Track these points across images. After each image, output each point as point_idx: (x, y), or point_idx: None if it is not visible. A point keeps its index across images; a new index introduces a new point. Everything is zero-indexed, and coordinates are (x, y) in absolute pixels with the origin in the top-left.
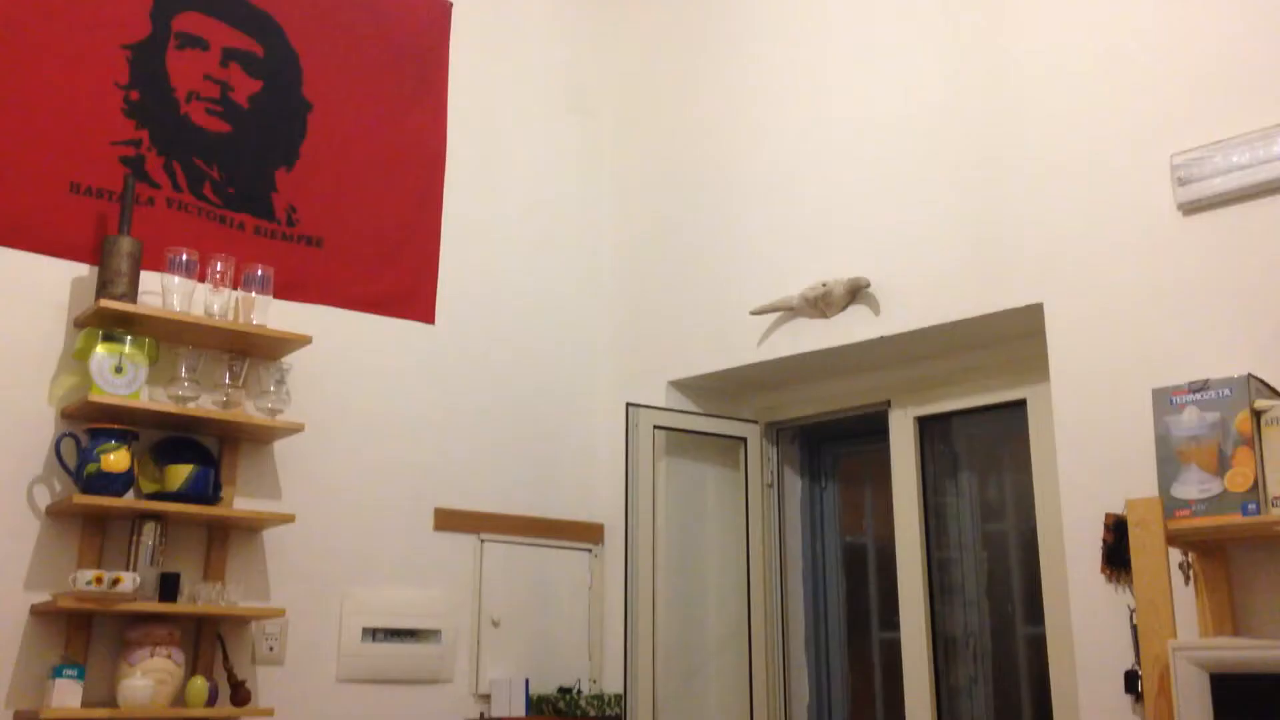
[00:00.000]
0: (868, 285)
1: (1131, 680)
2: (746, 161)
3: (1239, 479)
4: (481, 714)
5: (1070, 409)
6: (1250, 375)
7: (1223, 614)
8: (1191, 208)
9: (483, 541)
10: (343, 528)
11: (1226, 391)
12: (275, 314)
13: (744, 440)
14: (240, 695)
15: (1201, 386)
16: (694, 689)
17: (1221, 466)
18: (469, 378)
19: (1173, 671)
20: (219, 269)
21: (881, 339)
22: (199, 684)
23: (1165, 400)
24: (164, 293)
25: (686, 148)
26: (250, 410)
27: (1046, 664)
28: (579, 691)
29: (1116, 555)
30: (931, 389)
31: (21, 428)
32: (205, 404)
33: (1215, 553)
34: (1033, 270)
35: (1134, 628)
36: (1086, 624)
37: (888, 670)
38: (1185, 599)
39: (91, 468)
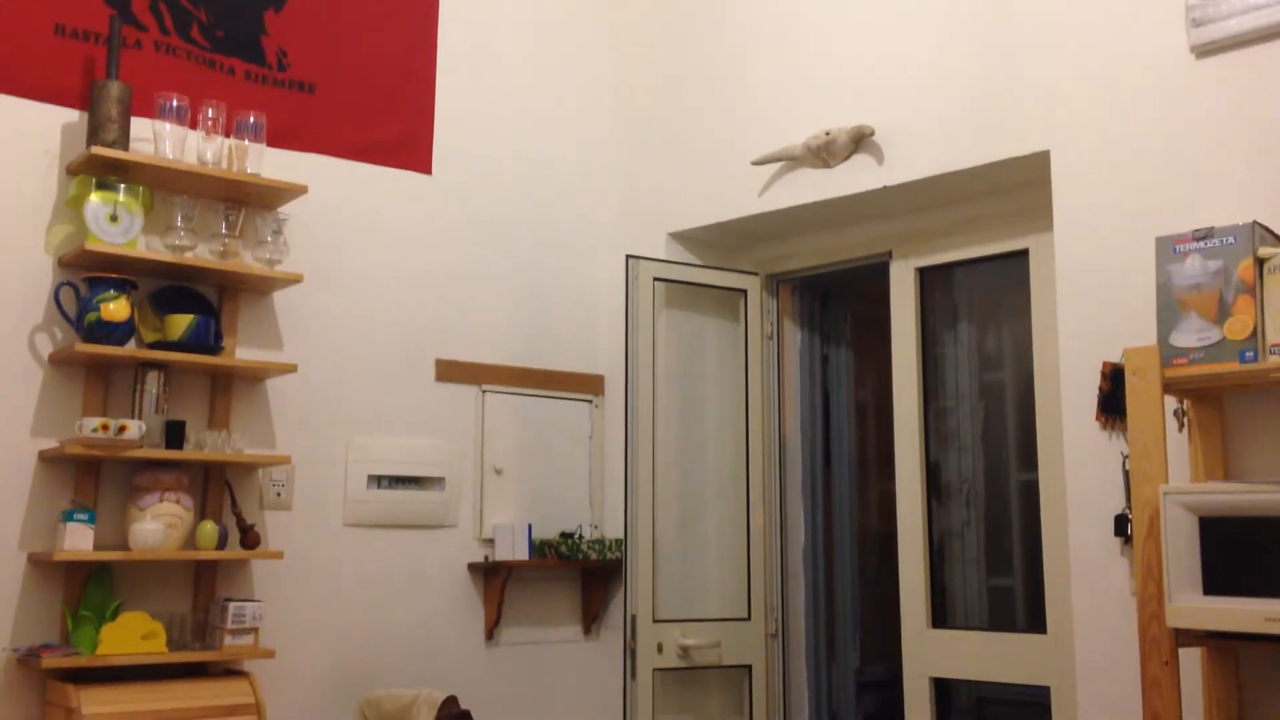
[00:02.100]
0: (872, 134)
1: (1121, 524)
2: (749, 9)
3: (1238, 327)
4: (485, 557)
5: (1073, 258)
6: (1255, 222)
7: (1215, 460)
8: (1205, 50)
9: (484, 392)
10: (345, 378)
11: (1231, 239)
12: (269, 163)
13: (744, 292)
14: (250, 539)
15: (1206, 234)
16: (693, 534)
17: (1221, 314)
18: (467, 229)
19: (1163, 515)
20: (210, 116)
21: (884, 189)
22: (209, 528)
23: (1168, 248)
24: (155, 139)
25: None
26: (248, 261)
27: (1038, 508)
28: (580, 536)
29: (1112, 403)
30: (933, 239)
31: (20, 276)
32: (203, 254)
33: (1210, 400)
34: (1040, 117)
35: (1126, 473)
36: (1079, 469)
37: (884, 516)
38: (1178, 446)
39: (91, 316)
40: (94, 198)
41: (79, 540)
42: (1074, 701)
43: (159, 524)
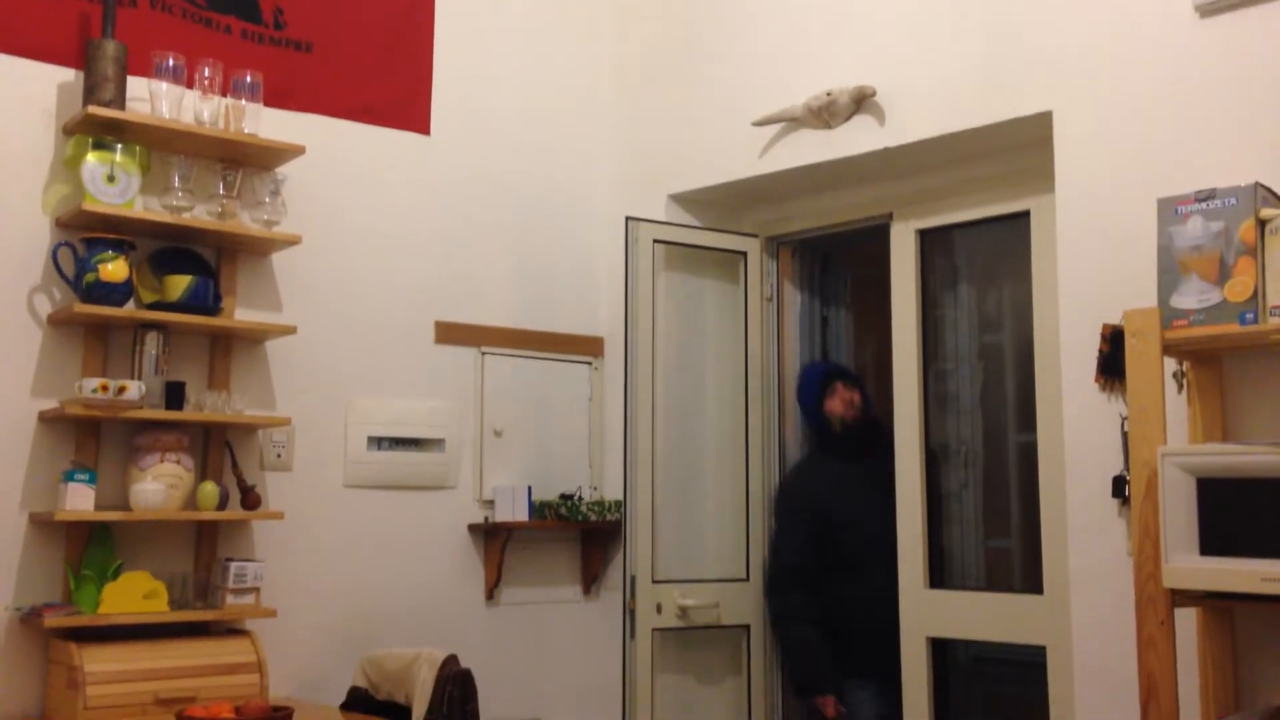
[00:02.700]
0: (873, 94)
1: (1119, 485)
2: None
3: (1239, 288)
4: (485, 518)
5: (1074, 220)
6: (1257, 184)
7: (1213, 422)
8: (1209, 9)
9: (483, 354)
10: (344, 340)
11: (1233, 200)
12: (267, 123)
13: (744, 254)
14: (250, 499)
15: (1208, 195)
16: (692, 495)
17: (1222, 276)
18: (467, 191)
19: (1160, 476)
20: (207, 75)
21: (885, 150)
22: (209, 488)
23: (1170, 210)
24: (152, 99)
25: None
26: (246, 222)
27: (1036, 470)
28: (580, 498)
29: (1111, 365)
30: (934, 201)
31: (17, 236)
32: (200, 215)
33: (1210, 362)
34: (1042, 77)
35: (1124, 435)
36: (1078, 431)
37: None
38: (1177, 407)
39: (90, 277)
40: (91, 158)
41: (80, 500)
42: (1070, 661)
43: (160, 484)
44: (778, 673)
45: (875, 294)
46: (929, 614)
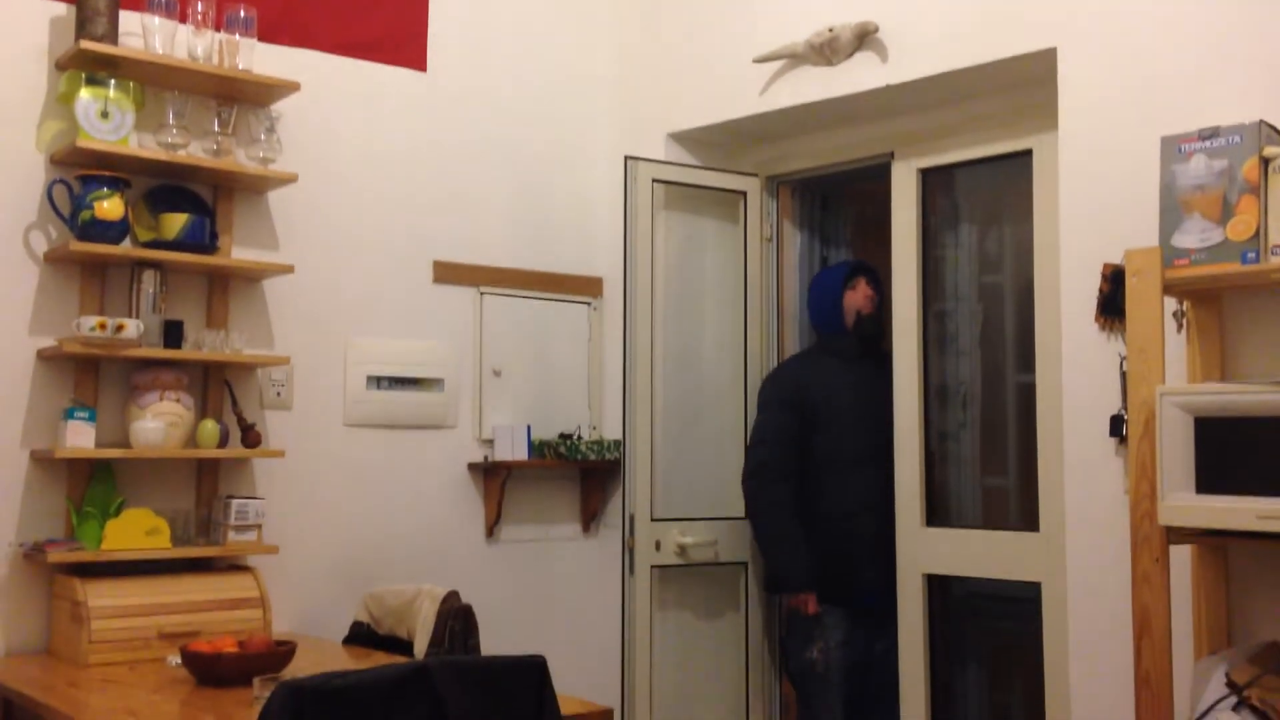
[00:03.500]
0: (876, 30)
1: (1117, 424)
2: None
3: (1241, 227)
4: (485, 457)
5: (1077, 158)
6: (1262, 122)
7: (1212, 361)
8: None
9: (482, 294)
10: (342, 279)
11: (1236, 138)
12: (260, 59)
13: (743, 194)
14: (251, 437)
15: (1211, 133)
16: (690, 434)
17: (1225, 215)
18: (464, 130)
19: (1158, 415)
20: (200, 9)
21: (887, 88)
22: (210, 426)
23: (1173, 148)
24: (145, 33)
25: None
26: (241, 159)
27: (1034, 410)
28: (579, 437)
29: (1111, 305)
30: (936, 140)
31: (12, 173)
32: (195, 152)
33: (1210, 301)
34: (1047, 14)
35: (1123, 375)
36: (1077, 371)
37: None
38: (1176, 347)
39: (85, 215)
40: (84, 94)
41: (80, 438)
42: (1064, 597)
43: (160, 423)
44: (776, 610)
45: (875, 234)
46: (926, 551)
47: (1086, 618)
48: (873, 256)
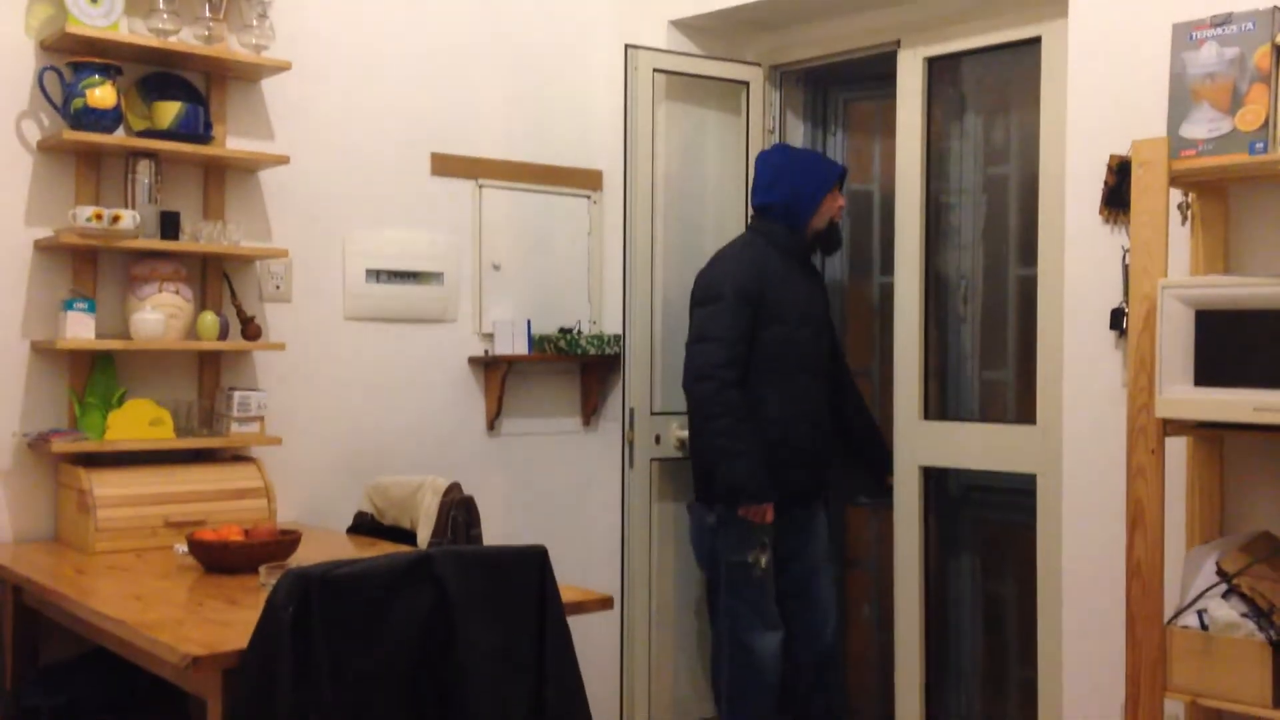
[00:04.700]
0: None
1: (1117, 317)
2: None
3: (1250, 117)
4: (485, 351)
5: (1086, 46)
6: (1276, 7)
7: (1215, 254)
8: None
9: (481, 187)
10: (339, 171)
11: (1249, 25)
12: None
13: (746, 84)
14: (251, 330)
15: (1224, 20)
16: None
17: (1234, 105)
18: (461, 18)
19: (1159, 308)
20: None
21: None
22: (209, 318)
23: (1185, 35)
24: None
25: None
26: (234, 46)
27: (1035, 303)
28: (579, 332)
29: (1116, 197)
30: (943, 27)
31: (2, 60)
32: (186, 38)
33: (1216, 193)
34: None
35: (1125, 268)
36: (1079, 264)
37: (886, 311)
38: (1179, 240)
39: (78, 103)
40: None
41: (80, 329)
42: (1059, 489)
43: (159, 314)
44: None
45: (880, 126)
46: (923, 444)
47: (1081, 509)
48: (875, 149)
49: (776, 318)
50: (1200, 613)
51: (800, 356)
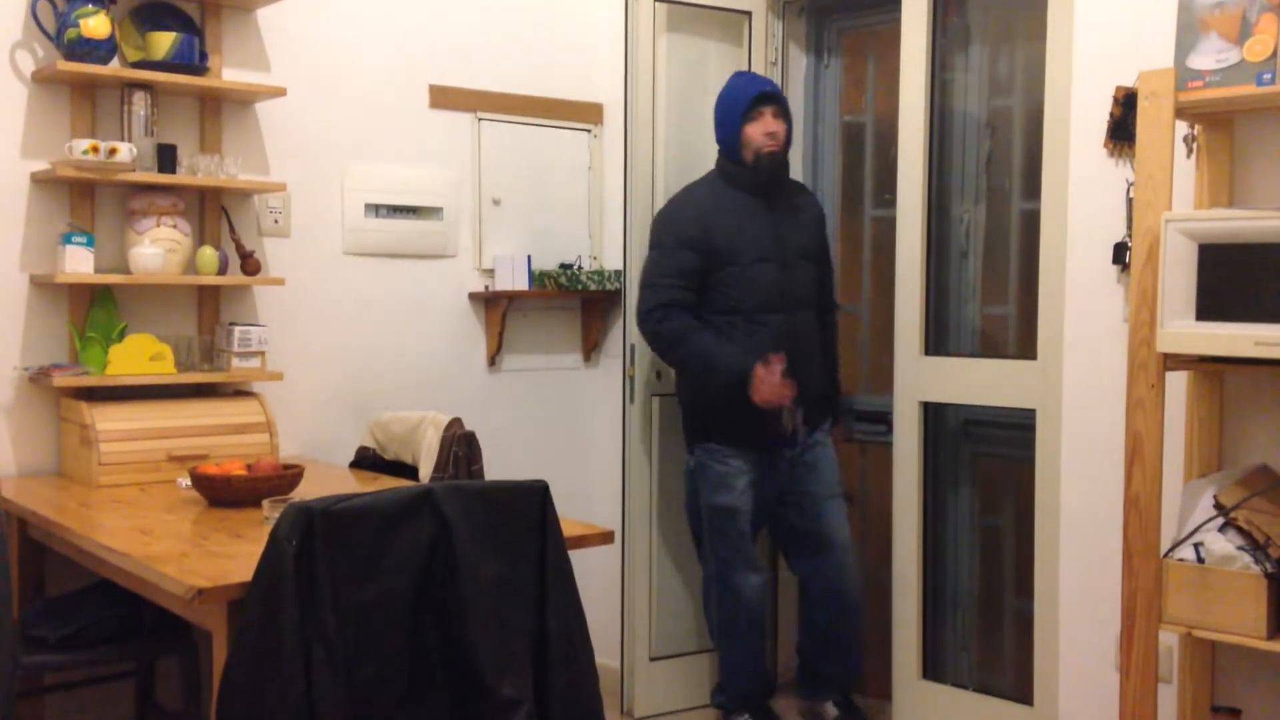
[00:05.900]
0: None
1: (1120, 251)
2: None
3: (1258, 48)
4: (486, 287)
5: None
6: None
7: (1220, 188)
8: None
9: (480, 120)
10: (336, 103)
11: None
12: None
13: (748, 15)
14: (250, 265)
15: None
16: None
17: (1243, 35)
18: None
19: (1163, 242)
20: None
21: None
22: (208, 253)
23: None
24: None
25: None
26: None
27: (1038, 237)
28: (580, 267)
29: (1122, 129)
30: None
31: None
32: None
33: (1222, 125)
34: None
35: (1129, 201)
36: (1083, 197)
37: (878, 245)
38: (1184, 174)
39: (71, 33)
40: None
41: (79, 263)
42: (1059, 423)
43: (158, 248)
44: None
45: (884, 58)
46: (923, 379)
47: (1080, 443)
48: (880, 79)
49: (729, 259)
50: (1197, 545)
51: (763, 294)
